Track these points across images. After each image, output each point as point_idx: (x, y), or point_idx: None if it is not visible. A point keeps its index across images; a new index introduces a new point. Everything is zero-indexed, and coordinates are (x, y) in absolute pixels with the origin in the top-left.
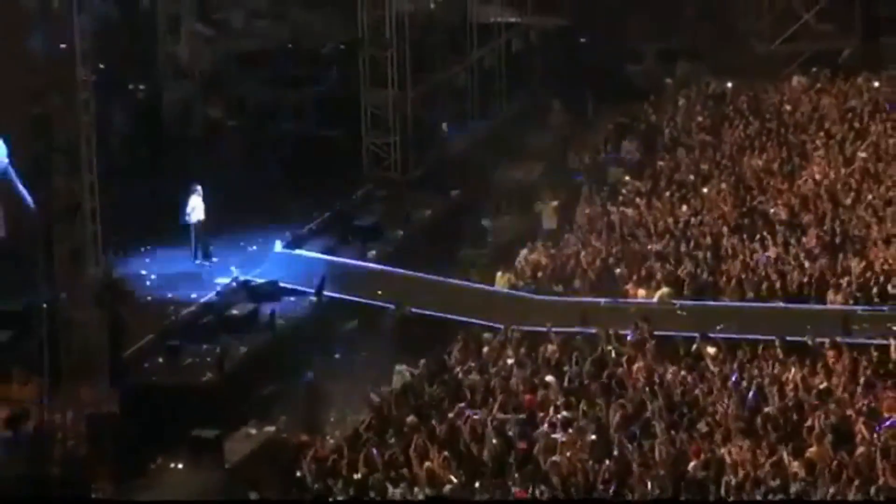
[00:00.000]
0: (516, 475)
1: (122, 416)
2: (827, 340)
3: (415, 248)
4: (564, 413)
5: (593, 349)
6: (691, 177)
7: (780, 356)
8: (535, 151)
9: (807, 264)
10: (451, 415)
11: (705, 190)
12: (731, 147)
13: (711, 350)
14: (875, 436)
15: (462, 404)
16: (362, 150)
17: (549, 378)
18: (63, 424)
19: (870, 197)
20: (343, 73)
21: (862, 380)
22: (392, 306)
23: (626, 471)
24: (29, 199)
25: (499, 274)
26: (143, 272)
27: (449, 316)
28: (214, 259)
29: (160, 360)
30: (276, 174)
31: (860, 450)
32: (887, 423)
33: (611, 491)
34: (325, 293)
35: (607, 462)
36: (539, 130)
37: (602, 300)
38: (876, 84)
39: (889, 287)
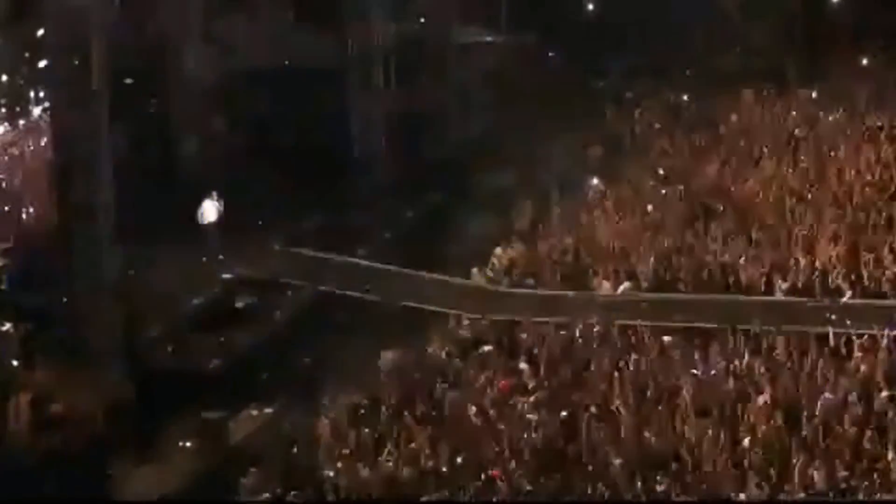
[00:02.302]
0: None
1: (136, 401)
2: (773, 329)
3: (400, 247)
4: (538, 396)
5: (563, 337)
6: (650, 180)
7: (733, 343)
8: (510, 158)
9: (755, 260)
10: (434, 397)
11: (663, 191)
12: (686, 153)
13: (669, 338)
14: (818, 412)
15: (443, 387)
16: (353, 157)
17: (522, 364)
18: (83, 408)
19: (812, 198)
20: (335, 89)
21: (805, 364)
22: (381, 299)
23: (594, 447)
24: None
25: (474, 269)
26: (156, 268)
27: (432, 307)
28: (220, 257)
29: (171, 348)
30: (273, 179)
31: (805, 427)
32: (824, 398)
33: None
34: (320, 287)
35: (577, 439)
36: (513, 138)
37: (570, 292)
38: (815, 96)
39: (829, 281)
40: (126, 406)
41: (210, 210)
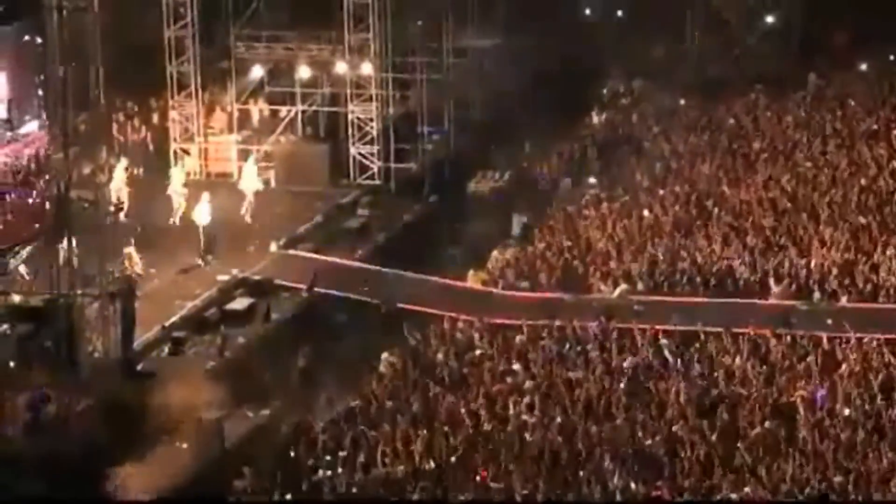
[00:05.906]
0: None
1: (132, 401)
2: (768, 331)
3: (397, 249)
4: (533, 397)
5: (558, 340)
6: (647, 183)
7: (727, 346)
8: (506, 161)
9: (751, 263)
10: (429, 398)
11: (660, 192)
12: (683, 156)
13: (665, 340)
14: (812, 415)
15: (438, 389)
16: (350, 160)
17: (516, 366)
18: (79, 408)
19: (807, 202)
20: (332, 91)
21: (799, 367)
22: (377, 301)
23: (590, 447)
24: None
25: (471, 272)
26: (153, 270)
27: (428, 310)
28: (218, 258)
29: (167, 349)
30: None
31: (801, 429)
32: (818, 397)
33: (577, 466)
34: (317, 289)
35: (573, 440)
36: (509, 142)
37: (566, 295)
38: (809, 99)
39: (825, 284)
40: None
41: (203, 211)
